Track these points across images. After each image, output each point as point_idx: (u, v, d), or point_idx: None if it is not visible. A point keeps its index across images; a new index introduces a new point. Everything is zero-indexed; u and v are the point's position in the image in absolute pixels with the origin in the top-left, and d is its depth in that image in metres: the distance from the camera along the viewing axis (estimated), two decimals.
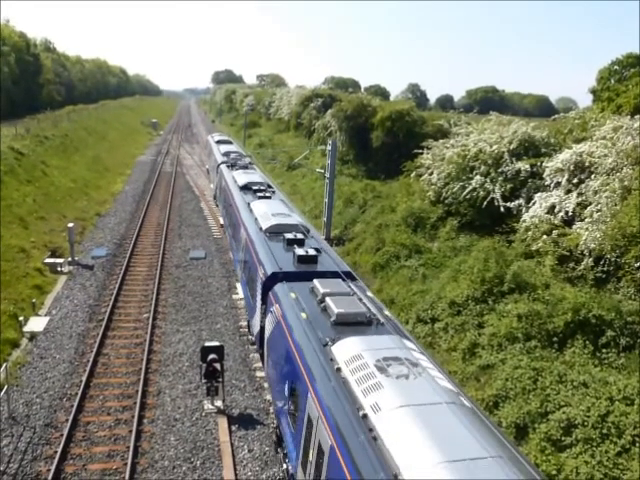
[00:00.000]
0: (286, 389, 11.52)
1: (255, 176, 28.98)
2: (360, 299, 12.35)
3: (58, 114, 61.04)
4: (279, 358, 12.63)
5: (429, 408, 7.93)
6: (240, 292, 21.27)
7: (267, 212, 20.02)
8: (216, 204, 36.67)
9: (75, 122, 61.51)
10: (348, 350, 9.88)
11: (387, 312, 12.62)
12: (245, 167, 32.65)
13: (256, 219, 19.79)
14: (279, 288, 13.74)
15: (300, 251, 15.47)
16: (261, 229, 18.54)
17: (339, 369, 9.54)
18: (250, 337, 18.56)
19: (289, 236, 17.00)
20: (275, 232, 17.95)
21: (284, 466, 12.05)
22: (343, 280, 13.36)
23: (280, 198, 24.73)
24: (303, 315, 11.84)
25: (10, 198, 29.27)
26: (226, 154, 38.30)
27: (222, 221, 31.03)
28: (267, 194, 24.49)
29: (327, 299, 12.05)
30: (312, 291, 13.00)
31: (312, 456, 9.28)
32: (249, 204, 22.22)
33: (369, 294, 13.53)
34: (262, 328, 14.96)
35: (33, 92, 70.93)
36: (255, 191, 24.96)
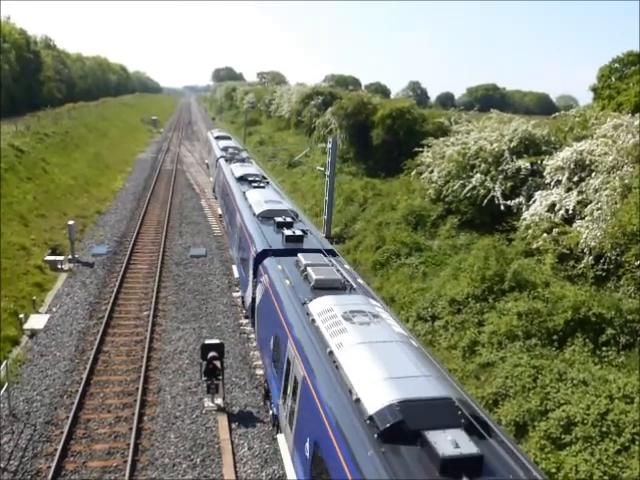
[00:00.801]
0: (272, 343, 13.12)
1: (251, 169, 30.60)
2: (338, 270, 14.02)
3: (58, 111, 60.87)
4: (267, 319, 14.30)
5: (381, 344, 9.73)
6: (235, 273, 22.63)
7: (260, 199, 21.71)
8: (215, 196, 37.36)
9: (75, 119, 61.47)
10: (322, 305, 11.62)
11: (360, 280, 14.36)
12: (242, 160, 34.30)
13: (250, 206, 21.41)
14: (268, 262, 15.38)
15: (288, 232, 17.24)
16: (254, 214, 20.15)
17: (313, 320, 11.25)
18: (244, 311, 19.94)
19: (279, 219, 18.71)
20: (267, 217, 19.52)
21: (270, 412, 13.84)
22: (324, 255, 15.17)
23: (273, 188, 26.53)
24: (287, 282, 13.47)
25: (10, 195, 29.25)
26: (224, 149, 39.45)
27: (220, 211, 32.35)
28: (261, 184, 26.29)
29: (308, 268, 13.69)
30: (296, 263, 14.61)
31: (289, 390, 11.01)
32: (244, 193, 23.85)
33: (347, 267, 15.29)
34: (253, 299, 16.51)
35: (33, 89, 70.84)
36: (250, 182, 26.65)
